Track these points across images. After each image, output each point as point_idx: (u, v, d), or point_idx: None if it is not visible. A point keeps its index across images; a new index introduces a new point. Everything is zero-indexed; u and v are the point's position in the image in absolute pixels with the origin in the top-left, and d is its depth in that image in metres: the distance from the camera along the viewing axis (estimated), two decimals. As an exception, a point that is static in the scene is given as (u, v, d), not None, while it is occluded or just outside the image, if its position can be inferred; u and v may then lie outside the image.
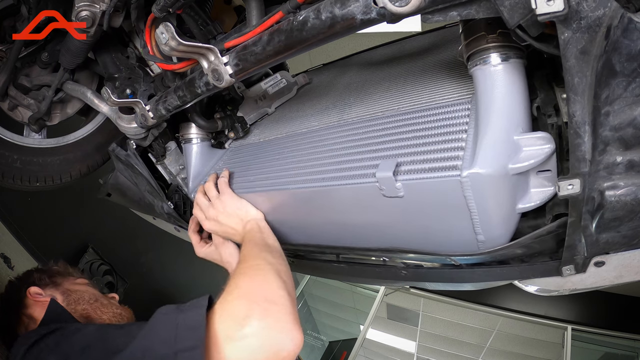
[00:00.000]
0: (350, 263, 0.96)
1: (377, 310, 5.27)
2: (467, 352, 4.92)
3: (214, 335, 0.61)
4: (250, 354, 0.60)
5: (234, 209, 0.95)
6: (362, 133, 0.84)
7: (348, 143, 0.84)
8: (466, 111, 0.73)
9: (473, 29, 0.66)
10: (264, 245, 0.84)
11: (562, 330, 4.42)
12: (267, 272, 0.71)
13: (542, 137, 0.61)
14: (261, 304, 0.64)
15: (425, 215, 0.72)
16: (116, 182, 1.28)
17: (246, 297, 0.65)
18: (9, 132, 1.27)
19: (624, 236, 0.60)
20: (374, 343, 5.39)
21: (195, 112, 1.05)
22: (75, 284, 1.18)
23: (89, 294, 1.14)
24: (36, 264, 2.19)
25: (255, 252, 0.80)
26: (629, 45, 0.44)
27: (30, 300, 1.07)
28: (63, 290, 1.12)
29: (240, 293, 0.67)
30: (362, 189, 0.73)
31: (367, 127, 0.85)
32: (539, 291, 0.87)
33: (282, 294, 0.67)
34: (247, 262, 0.77)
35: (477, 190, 0.62)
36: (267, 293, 0.67)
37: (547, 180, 0.65)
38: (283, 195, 0.88)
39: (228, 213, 0.95)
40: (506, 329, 4.78)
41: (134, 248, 3.24)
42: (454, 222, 0.69)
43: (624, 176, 0.54)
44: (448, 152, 0.66)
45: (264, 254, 0.79)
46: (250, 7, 0.84)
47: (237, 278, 0.71)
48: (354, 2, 0.56)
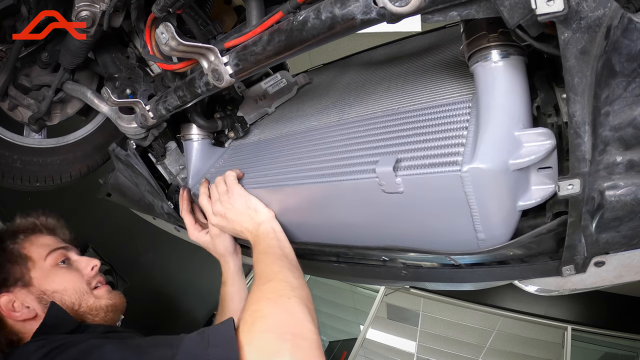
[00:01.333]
0: (350, 263, 0.96)
1: (377, 310, 5.27)
2: (467, 352, 4.92)
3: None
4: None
5: (244, 206, 0.91)
6: (363, 131, 0.84)
7: (348, 140, 0.84)
8: (467, 109, 0.73)
9: (474, 28, 0.66)
10: (283, 257, 0.81)
11: (562, 330, 4.42)
12: (293, 302, 0.69)
13: (543, 133, 0.61)
14: (291, 340, 0.62)
15: (425, 212, 0.71)
16: (116, 182, 1.28)
17: (275, 331, 0.64)
18: (9, 132, 1.27)
19: (624, 236, 0.60)
20: (374, 343, 5.39)
21: (196, 112, 1.05)
22: (49, 273, 0.90)
23: (70, 293, 0.89)
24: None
25: (275, 270, 0.77)
26: (629, 45, 0.44)
27: (6, 317, 0.84)
28: (37, 295, 0.87)
29: (268, 326, 0.65)
30: (362, 184, 0.73)
31: (368, 125, 0.85)
32: (539, 291, 0.87)
33: (310, 328, 0.66)
34: (269, 283, 0.74)
35: (478, 185, 0.62)
36: (296, 327, 0.65)
37: (547, 177, 0.64)
38: (282, 193, 0.88)
39: (238, 210, 0.91)
40: (506, 329, 4.78)
41: (134, 248, 3.25)
42: (454, 219, 0.69)
43: (624, 176, 0.54)
44: (448, 148, 0.66)
45: (286, 273, 0.76)
46: (250, 7, 0.84)
47: (262, 304, 0.69)
48: (354, 2, 0.56)
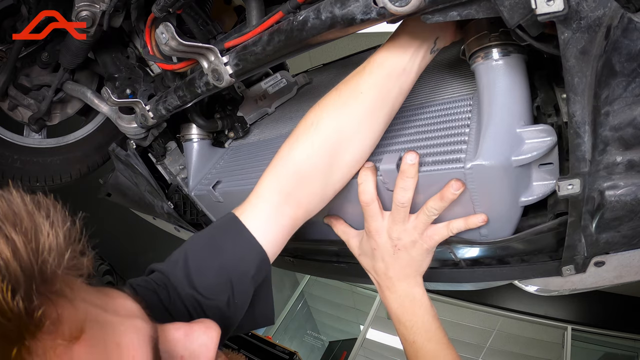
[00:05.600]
0: (351, 263, 0.96)
1: (377, 310, 5.27)
2: (467, 352, 4.92)
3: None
4: None
5: (416, 259, 0.72)
6: None
7: None
8: (467, 107, 0.73)
9: (475, 28, 0.66)
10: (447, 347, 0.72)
11: (562, 330, 4.42)
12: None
13: (544, 130, 0.61)
14: None
15: None
16: (116, 182, 1.28)
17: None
18: (9, 132, 1.27)
19: (624, 236, 0.60)
20: (374, 343, 5.38)
21: (195, 112, 1.05)
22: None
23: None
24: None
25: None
26: (629, 45, 0.44)
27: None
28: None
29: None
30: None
31: None
32: (539, 291, 0.87)
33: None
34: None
35: (481, 182, 0.62)
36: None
37: (548, 173, 0.65)
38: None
39: (408, 254, 0.71)
40: (506, 329, 4.78)
41: (134, 248, 3.25)
42: (457, 215, 0.69)
43: (624, 176, 0.54)
44: (451, 145, 0.67)
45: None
46: (250, 7, 0.84)
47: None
48: (354, 2, 0.56)
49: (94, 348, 0.29)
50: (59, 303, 0.28)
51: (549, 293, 0.85)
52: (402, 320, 0.73)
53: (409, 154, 0.63)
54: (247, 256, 0.65)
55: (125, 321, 0.33)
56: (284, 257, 1.12)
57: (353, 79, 0.67)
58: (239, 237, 0.65)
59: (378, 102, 0.66)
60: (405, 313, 0.73)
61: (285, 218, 0.68)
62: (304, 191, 0.67)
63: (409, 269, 0.72)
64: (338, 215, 0.83)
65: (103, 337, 0.30)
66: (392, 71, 0.65)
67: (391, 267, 0.73)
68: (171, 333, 0.39)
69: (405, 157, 0.64)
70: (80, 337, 0.28)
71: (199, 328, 0.41)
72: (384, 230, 0.71)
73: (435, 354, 0.70)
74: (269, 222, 0.66)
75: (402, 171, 0.64)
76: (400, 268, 0.72)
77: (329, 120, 0.66)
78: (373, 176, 0.69)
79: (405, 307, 0.73)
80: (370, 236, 0.73)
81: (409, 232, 0.69)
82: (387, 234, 0.70)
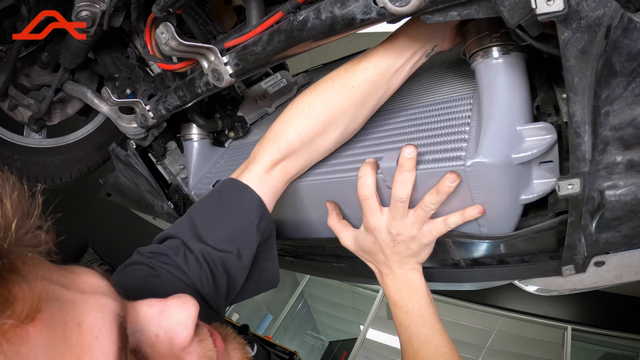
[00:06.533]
0: (350, 263, 0.96)
1: (377, 310, 5.27)
2: (467, 352, 4.92)
3: None
4: None
5: (414, 250, 0.73)
6: (364, 129, 0.84)
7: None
8: (468, 105, 0.73)
9: (475, 29, 0.66)
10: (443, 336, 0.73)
11: (562, 330, 4.42)
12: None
13: (544, 127, 0.62)
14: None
15: None
16: (116, 182, 1.28)
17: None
18: (9, 132, 1.27)
19: (624, 236, 0.60)
20: (374, 343, 5.38)
21: (196, 112, 1.05)
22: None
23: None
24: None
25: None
26: (629, 45, 0.44)
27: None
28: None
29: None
30: None
31: (370, 123, 0.85)
32: (539, 291, 0.87)
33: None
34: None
35: (481, 179, 0.62)
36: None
37: (549, 171, 0.65)
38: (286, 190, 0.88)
39: (406, 245, 0.72)
40: (506, 329, 4.78)
41: (133, 248, 3.24)
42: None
43: (624, 176, 0.54)
44: (451, 144, 0.67)
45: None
46: (250, 7, 0.84)
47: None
48: (354, 2, 0.56)
49: (52, 329, 0.26)
50: (10, 280, 0.25)
51: (549, 293, 0.85)
52: (398, 305, 0.75)
53: (407, 148, 0.64)
54: (249, 206, 0.72)
55: (89, 299, 0.31)
56: (284, 257, 1.12)
57: (347, 71, 0.71)
58: (238, 191, 0.73)
59: (367, 97, 0.71)
60: (402, 297, 0.74)
61: (275, 181, 0.77)
62: (292, 162, 0.77)
63: (408, 258, 0.74)
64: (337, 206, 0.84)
65: (62, 316, 0.28)
66: (386, 71, 0.69)
67: (390, 257, 0.75)
68: (144, 310, 0.37)
69: (403, 150, 0.64)
70: (36, 317, 0.25)
71: (174, 304, 0.38)
72: (383, 225, 0.71)
73: (428, 339, 0.71)
74: (262, 180, 0.75)
75: (400, 165, 0.65)
76: (399, 258, 0.74)
77: (320, 108, 0.72)
78: (373, 171, 0.70)
79: (402, 291, 0.75)
80: (369, 232, 0.74)
81: (407, 228, 0.70)
82: (387, 229, 0.71)
